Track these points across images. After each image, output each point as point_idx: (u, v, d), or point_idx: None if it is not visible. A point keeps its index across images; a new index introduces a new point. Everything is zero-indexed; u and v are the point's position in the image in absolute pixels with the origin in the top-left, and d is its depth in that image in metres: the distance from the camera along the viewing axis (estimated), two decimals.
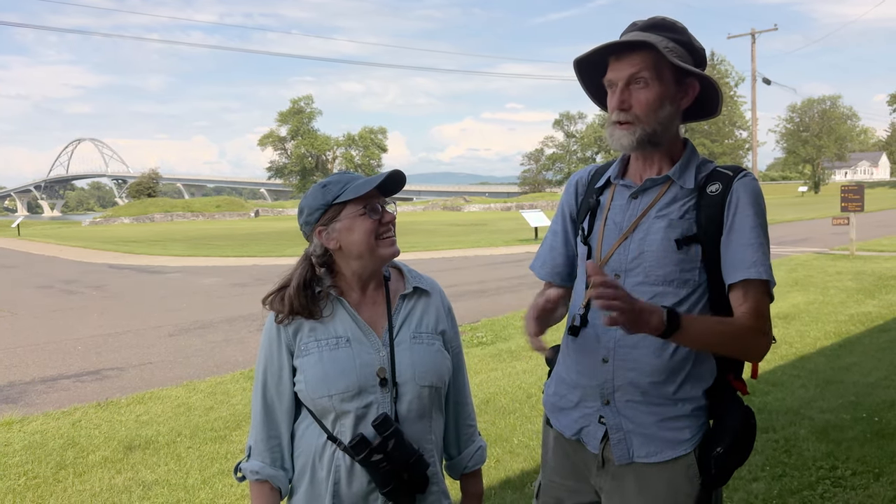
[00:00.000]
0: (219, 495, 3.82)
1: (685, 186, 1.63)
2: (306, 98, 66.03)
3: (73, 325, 9.54)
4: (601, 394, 1.65)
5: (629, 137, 1.61)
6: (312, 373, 1.62)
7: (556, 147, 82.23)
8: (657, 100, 1.59)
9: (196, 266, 17.74)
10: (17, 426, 5.12)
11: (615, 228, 1.68)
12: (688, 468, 1.60)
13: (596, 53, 1.64)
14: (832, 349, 6.56)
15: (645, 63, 1.58)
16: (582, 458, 1.71)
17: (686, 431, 1.61)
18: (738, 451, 1.59)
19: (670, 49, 1.58)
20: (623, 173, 1.75)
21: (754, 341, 1.56)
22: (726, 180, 1.62)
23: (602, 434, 1.65)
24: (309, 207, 1.66)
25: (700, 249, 1.59)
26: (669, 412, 1.61)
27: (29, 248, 26.58)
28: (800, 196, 67.57)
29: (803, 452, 4.04)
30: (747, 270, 1.55)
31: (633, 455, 1.62)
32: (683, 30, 1.66)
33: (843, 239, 16.28)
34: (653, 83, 1.58)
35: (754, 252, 1.55)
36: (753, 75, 34.94)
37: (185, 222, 54.80)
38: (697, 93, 1.65)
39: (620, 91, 1.60)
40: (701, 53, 1.67)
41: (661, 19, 1.67)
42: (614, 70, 1.62)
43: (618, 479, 1.65)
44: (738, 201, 1.59)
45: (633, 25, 1.67)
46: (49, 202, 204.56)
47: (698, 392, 1.62)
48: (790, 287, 10.19)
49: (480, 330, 8.04)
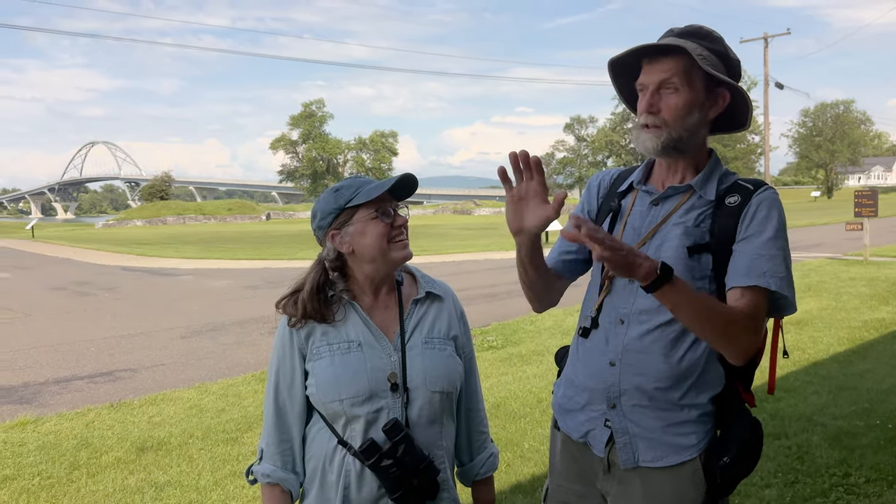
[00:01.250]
0: (230, 497, 3.83)
1: (706, 197, 1.63)
2: (318, 102, 66.28)
3: (87, 327, 9.62)
4: (607, 397, 1.64)
5: (654, 141, 1.61)
6: (324, 377, 1.63)
7: (567, 151, 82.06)
8: (686, 106, 1.59)
9: (208, 269, 17.84)
10: (31, 426, 5.17)
11: (634, 234, 1.68)
12: (693, 473, 1.59)
13: (630, 55, 1.64)
14: (845, 355, 6.51)
15: (676, 68, 1.58)
16: (589, 462, 1.71)
17: (692, 437, 1.60)
18: (745, 462, 1.58)
19: (703, 57, 1.58)
20: (646, 179, 1.75)
21: (744, 333, 1.49)
22: (746, 193, 1.60)
23: (608, 437, 1.65)
24: (322, 211, 1.67)
25: (710, 259, 1.58)
26: (675, 417, 1.60)
27: (43, 249, 26.80)
28: (812, 201, 67.11)
29: (816, 459, 4.01)
30: (757, 278, 1.51)
31: (639, 459, 1.62)
32: (719, 39, 1.66)
33: (856, 244, 16.15)
34: (683, 89, 1.58)
35: (767, 262, 1.52)
36: (766, 79, 34.75)
37: (197, 225, 55.13)
38: (727, 103, 1.64)
39: (650, 94, 1.60)
40: (736, 64, 1.66)
41: (699, 27, 1.66)
42: (646, 73, 1.62)
43: (624, 483, 1.65)
44: (756, 213, 1.57)
45: (670, 32, 1.67)
46: (63, 204, 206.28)
47: (705, 399, 1.61)
48: (803, 293, 10.12)
49: (491, 334, 8.04)
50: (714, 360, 1.61)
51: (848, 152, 79.39)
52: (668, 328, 1.59)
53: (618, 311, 1.66)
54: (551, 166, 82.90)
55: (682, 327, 1.58)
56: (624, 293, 1.66)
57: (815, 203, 60.70)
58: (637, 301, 1.63)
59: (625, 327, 1.64)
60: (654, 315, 1.60)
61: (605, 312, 1.68)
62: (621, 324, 1.64)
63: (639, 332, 1.61)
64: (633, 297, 1.64)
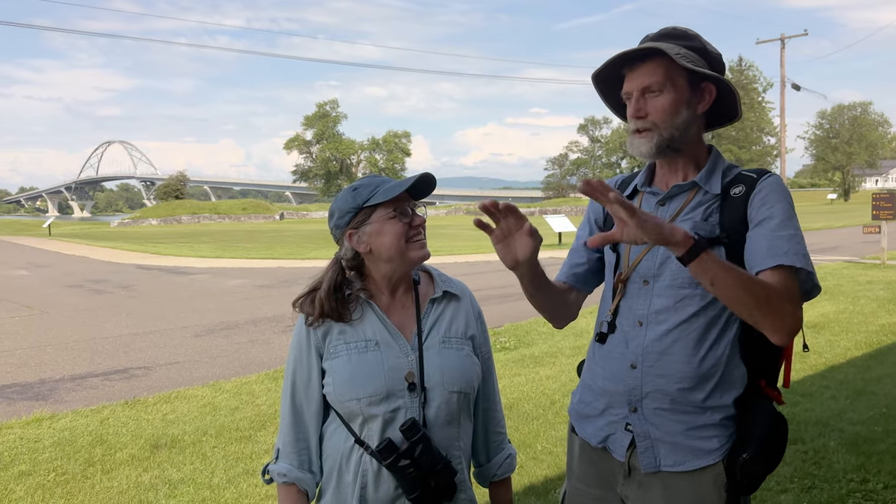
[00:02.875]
0: (243, 495, 3.84)
1: (711, 191, 1.63)
2: (332, 102, 66.56)
3: (102, 325, 9.69)
4: (629, 400, 1.63)
5: (647, 144, 1.62)
6: (340, 375, 1.62)
7: (581, 152, 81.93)
8: (672, 105, 1.60)
9: (222, 267, 17.93)
10: (47, 423, 5.21)
11: None
12: (716, 478, 1.57)
13: (609, 66, 1.66)
14: (863, 360, 6.44)
15: (657, 70, 1.59)
16: (608, 467, 1.70)
17: (714, 441, 1.58)
18: (766, 459, 1.55)
19: (682, 55, 1.59)
20: (650, 181, 1.75)
21: (788, 303, 1.44)
22: (750, 182, 1.61)
23: (629, 442, 1.63)
24: (339, 211, 1.66)
25: (724, 252, 1.57)
26: (698, 420, 1.58)
27: (59, 247, 27.07)
28: (829, 203, 66.47)
29: (833, 465, 3.97)
30: (781, 257, 1.47)
31: (660, 463, 1.60)
32: (696, 36, 1.66)
33: (874, 248, 15.98)
34: (666, 89, 1.59)
35: (786, 242, 1.50)
36: (783, 80, 34.47)
37: (211, 224, 55.47)
38: (714, 96, 1.65)
39: (635, 100, 1.62)
40: (716, 58, 1.67)
41: (672, 28, 1.68)
42: (629, 81, 1.64)
43: (644, 487, 1.63)
44: (764, 198, 1.56)
45: (646, 38, 1.69)
46: (79, 203, 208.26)
47: (728, 401, 1.59)
48: (820, 296, 9.98)
49: (503, 335, 8.02)
50: (736, 359, 1.59)
51: (865, 154, 78.59)
52: (689, 327, 1.58)
53: (635, 313, 1.64)
54: (565, 167, 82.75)
55: (702, 326, 1.57)
56: (639, 295, 1.65)
57: (831, 206, 60.12)
58: (654, 301, 1.62)
59: (644, 328, 1.62)
60: (672, 314, 1.59)
61: (622, 315, 1.67)
62: (640, 325, 1.63)
63: (658, 333, 1.60)
64: (649, 297, 1.63)
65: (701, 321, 1.57)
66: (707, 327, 1.57)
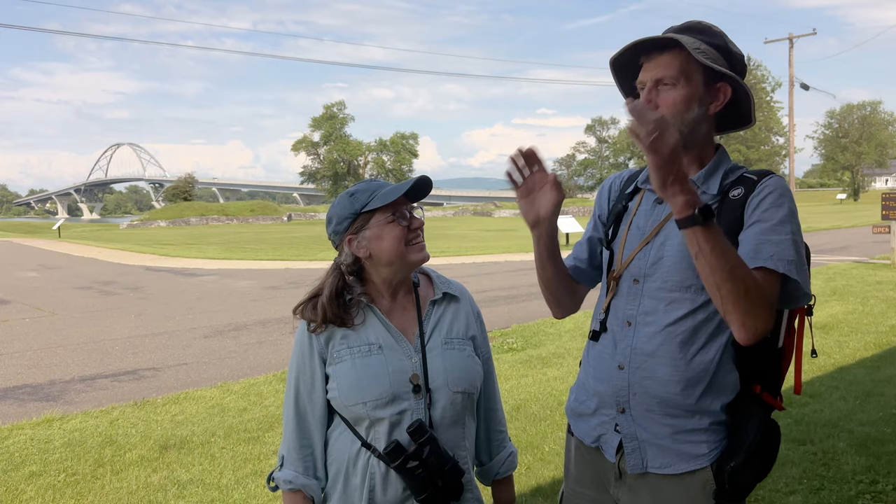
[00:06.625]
0: (252, 496, 3.86)
1: (709, 192, 1.60)
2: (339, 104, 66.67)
3: (111, 326, 9.75)
4: (617, 401, 1.61)
5: None
6: (345, 380, 1.63)
7: (588, 153, 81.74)
8: (684, 100, 1.56)
9: (230, 269, 17.99)
10: (57, 424, 5.25)
11: (638, 233, 1.66)
12: (705, 484, 1.54)
13: (627, 52, 1.63)
14: (872, 360, 6.40)
15: (673, 63, 1.56)
16: (602, 467, 1.69)
17: (703, 446, 1.55)
18: (754, 467, 1.52)
19: (701, 51, 1.55)
20: None
21: (762, 303, 1.40)
22: (750, 184, 1.57)
23: (618, 443, 1.62)
24: (338, 217, 1.67)
25: None
26: (686, 424, 1.56)
27: (69, 249, 27.22)
28: (838, 203, 66.07)
29: (842, 466, 3.95)
30: (764, 261, 1.44)
31: (647, 465, 1.58)
32: (720, 34, 1.63)
33: (883, 248, 15.88)
34: (680, 84, 1.56)
35: (773, 246, 1.46)
36: (791, 80, 34.32)
37: (219, 226, 55.63)
38: (729, 98, 1.61)
39: (648, 91, 1.58)
40: (739, 59, 1.63)
41: (697, 23, 1.64)
42: (645, 71, 1.61)
43: (633, 490, 1.61)
44: (761, 201, 1.52)
45: (670, 29, 1.66)
46: (88, 205, 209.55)
47: (718, 406, 1.55)
48: (829, 297, 9.98)
49: (511, 336, 8.02)
50: (729, 364, 1.56)
51: (875, 154, 77.98)
52: (676, 329, 1.55)
53: (624, 313, 1.63)
54: (572, 168, 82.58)
55: (690, 329, 1.54)
56: (630, 294, 1.63)
57: (840, 206, 59.76)
58: (643, 302, 1.60)
59: (632, 329, 1.61)
60: (660, 316, 1.57)
61: (613, 315, 1.66)
62: (628, 326, 1.61)
63: (646, 334, 1.58)
64: (638, 298, 1.61)
65: (689, 324, 1.54)
66: (695, 331, 1.54)
